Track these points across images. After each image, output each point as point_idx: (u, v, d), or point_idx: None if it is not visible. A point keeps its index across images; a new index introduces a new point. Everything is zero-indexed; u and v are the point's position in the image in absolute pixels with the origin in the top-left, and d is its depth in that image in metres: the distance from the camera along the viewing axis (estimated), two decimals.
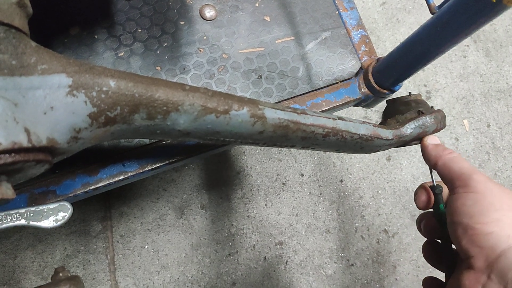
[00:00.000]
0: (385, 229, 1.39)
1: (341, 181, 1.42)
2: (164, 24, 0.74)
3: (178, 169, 1.32)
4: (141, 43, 0.73)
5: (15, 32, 0.38)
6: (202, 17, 0.76)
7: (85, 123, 0.43)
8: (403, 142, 0.64)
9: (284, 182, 1.38)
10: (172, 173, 1.31)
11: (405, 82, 1.45)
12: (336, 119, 0.58)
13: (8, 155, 0.35)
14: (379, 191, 1.43)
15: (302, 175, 1.39)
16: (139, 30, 0.73)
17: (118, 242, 1.24)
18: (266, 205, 1.35)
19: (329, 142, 0.59)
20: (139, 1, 0.74)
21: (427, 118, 0.64)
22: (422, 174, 1.46)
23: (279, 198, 1.36)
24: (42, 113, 0.39)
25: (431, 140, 0.61)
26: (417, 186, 0.60)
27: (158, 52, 0.73)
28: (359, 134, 0.60)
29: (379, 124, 0.67)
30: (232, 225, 1.31)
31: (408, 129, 0.63)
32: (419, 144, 0.64)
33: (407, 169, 1.47)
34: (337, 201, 1.39)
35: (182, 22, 0.75)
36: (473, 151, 1.54)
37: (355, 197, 1.41)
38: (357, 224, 1.38)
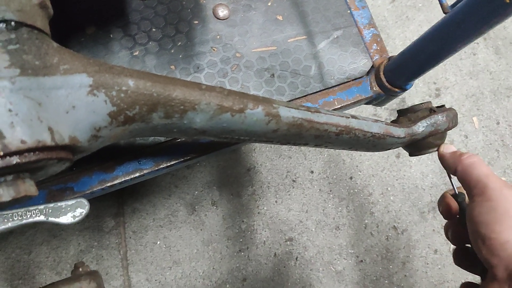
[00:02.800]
0: (394, 226, 1.40)
1: (351, 178, 1.42)
2: (178, 23, 0.75)
3: (190, 166, 1.33)
4: (156, 42, 0.74)
5: (37, 33, 0.39)
6: (215, 16, 0.77)
7: (105, 121, 0.44)
8: (415, 140, 0.65)
9: (294, 179, 1.38)
10: (184, 170, 1.32)
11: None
12: (349, 117, 0.59)
13: (32, 153, 0.36)
14: (389, 188, 1.44)
15: (312, 172, 1.40)
16: (154, 29, 0.74)
17: (130, 238, 1.25)
18: (276, 201, 1.35)
19: (342, 140, 0.60)
20: (153, 1, 0.75)
21: (439, 116, 0.64)
22: (431, 171, 1.46)
23: (289, 195, 1.37)
24: (65, 112, 0.40)
25: (447, 148, 0.60)
26: (432, 191, 0.60)
27: (172, 51, 0.74)
28: (371, 132, 0.61)
29: (391, 122, 0.67)
30: (243, 221, 1.32)
31: (420, 127, 0.64)
32: (435, 152, 0.64)
33: (416, 166, 1.47)
34: (347, 198, 1.40)
35: (196, 22, 0.76)
36: (483, 149, 1.54)
37: (365, 194, 1.41)
38: (366, 221, 1.39)
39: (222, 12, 0.77)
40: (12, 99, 0.35)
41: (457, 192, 0.57)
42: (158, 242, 1.26)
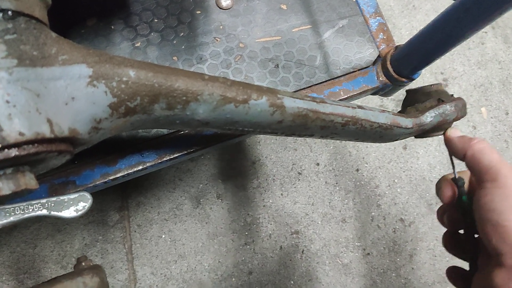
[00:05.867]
0: (401, 218, 1.39)
1: (357, 170, 1.41)
2: (180, 13, 0.74)
3: (194, 159, 1.32)
4: (158, 33, 0.73)
5: (35, 23, 0.38)
6: (218, 6, 0.75)
7: (106, 113, 0.43)
8: (423, 130, 0.64)
9: (300, 172, 1.37)
10: (188, 163, 1.32)
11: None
12: (355, 107, 0.58)
13: (31, 145, 0.35)
14: (395, 180, 1.42)
15: (318, 164, 1.39)
16: (156, 20, 0.73)
17: (135, 231, 1.25)
18: (281, 194, 1.35)
19: (348, 131, 0.59)
20: None
21: (448, 106, 0.63)
22: (439, 163, 1.45)
23: (295, 187, 1.36)
24: (64, 103, 0.39)
25: (454, 132, 0.59)
26: (438, 179, 0.59)
27: (175, 42, 0.72)
28: (378, 123, 0.59)
29: (398, 112, 0.66)
30: (248, 214, 1.31)
31: (428, 117, 0.62)
32: (440, 136, 0.63)
33: (424, 158, 1.46)
34: (353, 190, 1.39)
35: (198, 12, 0.75)
36: (491, 139, 1.52)
37: (371, 186, 1.40)
38: (373, 213, 1.38)
39: (225, 1, 0.76)
40: (10, 90, 0.34)
41: (457, 177, 0.56)
42: (163, 236, 1.26)
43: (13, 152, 0.34)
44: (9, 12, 0.36)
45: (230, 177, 1.34)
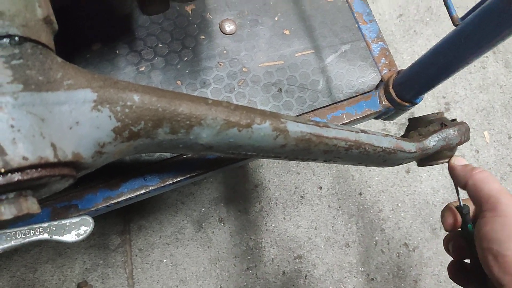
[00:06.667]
0: (405, 243, 1.37)
1: (360, 194, 1.40)
2: (185, 38, 0.75)
3: (197, 182, 1.32)
4: (162, 57, 0.73)
5: (41, 48, 0.39)
6: (222, 32, 0.76)
7: (109, 137, 0.43)
8: (426, 155, 0.63)
9: (303, 195, 1.37)
10: (191, 186, 1.31)
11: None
12: (358, 132, 0.58)
13: (35, 170, 0.35)
14: (399, 204, 1.41)
15: (321, 188, 1.38)
16: (160, 45, 0.74)
17: (136, 256, 1.24)
18: (284, 218, 1.34)
19: (352, 155, 0.59)
20: (159, 17, 0.75)
21: (451, 130, 0.63)
22: (442, 187, 1.44)
23: (298, 211, 1.35)
24: (68, 128, 0.39)
25: (458, 161, 0.59)
26: (442, 204, 0.59)
27: (179, 66, 0.73)
28: (382, 147, 0.59)
29: (401, 136, 0.66)
30: (251, 238, 1.30)
31: (432, 141, 0.62)
32: (446, 163, 0.63)
33: (427, 181, 1.45)
34: (356, 214, 1.38)
35: (202, 37, 0.76)
36: (494, 163, 1.51)
37: (375, 210, 1.39)
38: (376, 238, 1.36)
39: (228, 27, 0.77)
40: (15, 114, 0.35)
41: (462, 205, 0.56)
42: (165, 260, 1.24)
43: (16, 176, 0.34)
44: (16, 38, 0.36)
45: (233, 200, 1.33)
